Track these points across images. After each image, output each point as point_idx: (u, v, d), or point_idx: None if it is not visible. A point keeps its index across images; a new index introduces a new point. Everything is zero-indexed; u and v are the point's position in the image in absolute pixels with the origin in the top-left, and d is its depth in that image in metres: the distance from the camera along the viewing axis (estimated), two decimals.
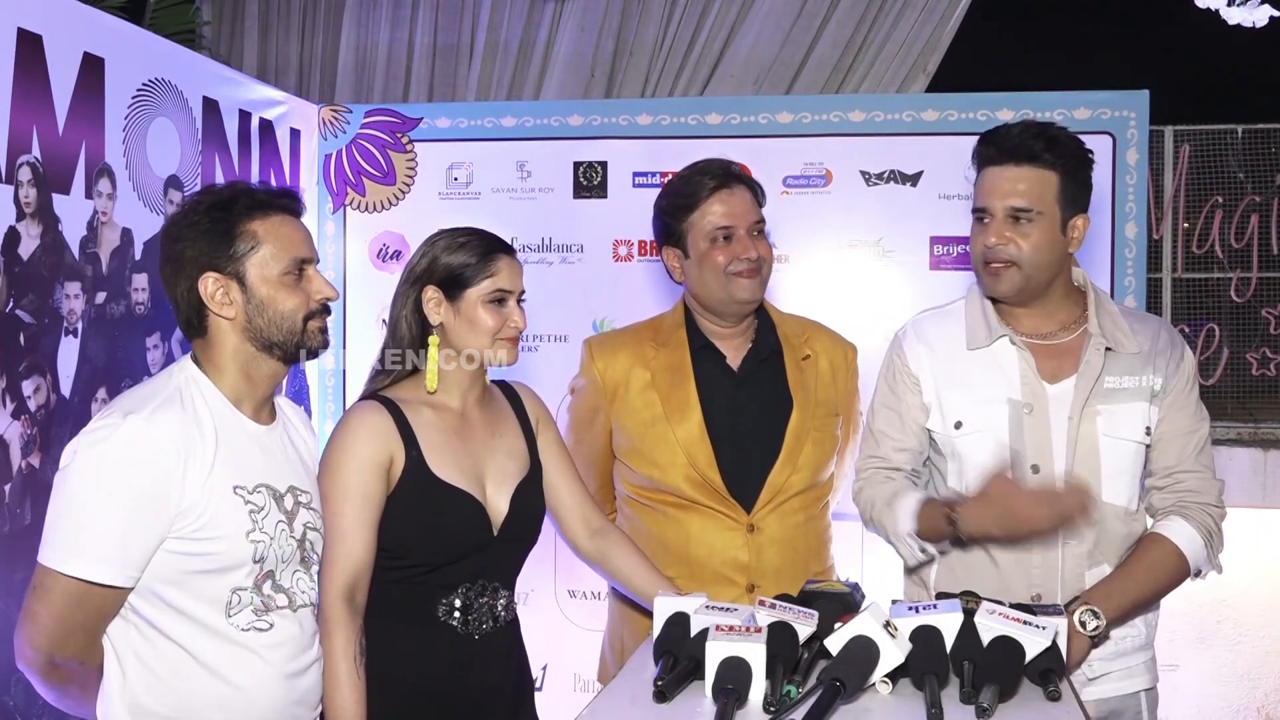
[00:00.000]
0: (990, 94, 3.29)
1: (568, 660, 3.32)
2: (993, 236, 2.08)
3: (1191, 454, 2.12)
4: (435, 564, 1.96)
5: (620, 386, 2.34)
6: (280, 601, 1.77)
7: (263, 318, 1.75)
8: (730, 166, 2.33)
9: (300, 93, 4.53)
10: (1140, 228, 3.25)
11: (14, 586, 2.19)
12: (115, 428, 1.63)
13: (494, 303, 2.00)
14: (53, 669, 1.67)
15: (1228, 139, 5.04)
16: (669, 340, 2.35)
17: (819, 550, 2.37)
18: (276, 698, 1.75)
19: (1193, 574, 2.11)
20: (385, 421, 1.97)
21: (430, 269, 2.02)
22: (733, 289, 2.25)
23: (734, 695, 1.43)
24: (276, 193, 1.82)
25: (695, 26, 4.92)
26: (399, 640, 1.96)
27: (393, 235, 3.50)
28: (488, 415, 2.10)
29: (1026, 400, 2.11)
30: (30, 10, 2.25)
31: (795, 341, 2.38)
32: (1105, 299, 2.20)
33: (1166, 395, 2.12)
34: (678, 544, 2.28)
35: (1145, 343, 2.14)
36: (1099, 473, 2.09)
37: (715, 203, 2.25)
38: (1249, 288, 5.03)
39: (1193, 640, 4.68)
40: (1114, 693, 2.11)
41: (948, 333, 2.21)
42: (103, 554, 1.61)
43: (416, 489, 1.96)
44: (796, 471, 2.28)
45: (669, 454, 2.28)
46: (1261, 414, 4.97)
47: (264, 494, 1.75)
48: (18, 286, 2.21)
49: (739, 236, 2.25)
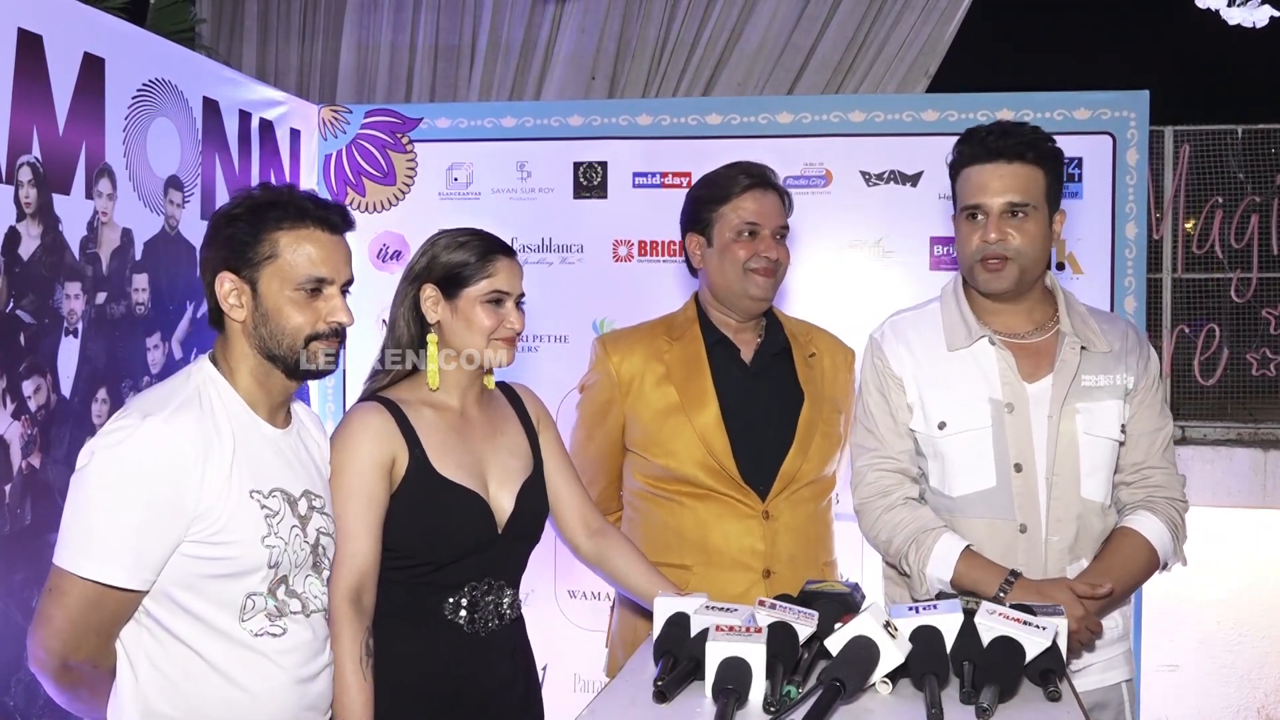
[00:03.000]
0: (990, 94, 3.29)
1: (568, 660, 3.32)
2: (993, 232, 2.09)
3: (1159, 450, 2.18)
4: (440, 562, 1.96)
5: (635, 380, 2.38)
6: (294, 607, 1.76)
7: (266, 328, 1.73)
8: (768, 171, 2.40)
9: (301, 94, 4.53)
10: (1140, 228, 3.25)
11: (14, 587, 2.19)
12: (133, 429, 1.62)
13: (491, 303, 2.01)
14: (66, 671, 1.66)
15: (1228, 139, 5.04)
16: (683, 335, 2.41)
17: (827, 541, 2.44)
18: (288, 703, 1.75)
19: (1161, 566, 2.15)
20: (386, 422, 1.97)
21: (429, 267, 2.03)
22: (748, 284, 2.32)
23: (734, 695, 1.42)
24: (320, 204, 1.77)
25: (696, 28, 4.92)
26: (405, 640, 1.96)
27: (393, 235, 3.51)
28: (488, 414, 2.11)
29: (1007, 400, 2.13)
30: (30, 10, 2.25)
31: (801, 340, 2.46)
32: (1074, 299, 2.24)
33: (1136, 394, 2.17)
34: (695, 532, 2.32)
35: (1115, 342, 2.19)
36: (1078, 470, 2.12)
37: (748, 199, 2.33)
38: (1249, 288, 5.03)
39: (1193, 640, 4.69)
40: (1097, 684, 2.14)
41: (926, 334, 2.23)
42: (118, 557, 1.61)
43: (421, 488, 1.96)
44: (808, 461, 2.34)
45: (685, 443, 2.32)
46: (1261, 414, 4.98)
47: (279, 499, 1.74)
48: (18, 287, 2.21)
49: (763, 236, 2.32)
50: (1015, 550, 2.11)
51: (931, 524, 2.14)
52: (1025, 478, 2.11)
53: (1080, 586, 2.03)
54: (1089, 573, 2.08)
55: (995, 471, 2.12)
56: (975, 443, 2.13)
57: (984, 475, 2.13)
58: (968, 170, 2.14)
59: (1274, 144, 5.06)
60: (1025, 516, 2.11)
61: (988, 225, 2.10)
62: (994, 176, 2.10)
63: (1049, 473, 2.11)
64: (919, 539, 2.12)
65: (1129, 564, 2.10)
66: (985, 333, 2.16)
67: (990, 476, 2.13)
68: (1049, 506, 2.11)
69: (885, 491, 2.19)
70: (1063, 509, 2.11)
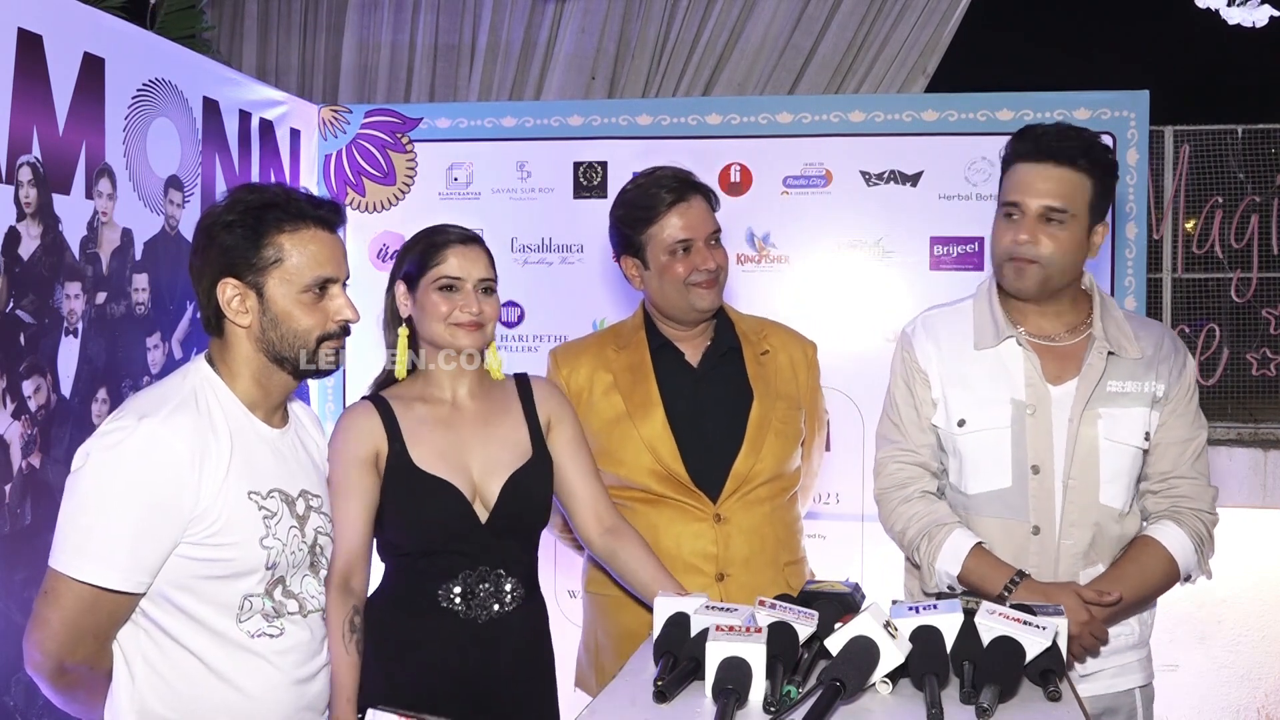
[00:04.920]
0: (990, 94, 3.29)
1: (568, 660, 3.32)
2: (1024, 233, 2.08)
3: (1188, 461, 2.13)
4: (426, 551, 2.02)
5: (584, 391, 2.37)
6: (291, 607, 1.76)
7: (276, 332, 1.73)
8: (685, 176, 2.34)
9: (301, 94, 4.53)
10: (1140, 228, 3.25)
11: (14, 587, 2.19)
12: (130, 431, 1.61)
13: (444, 289, 2.05)
14: (62, 674, 1.66)
15: (1228, 139, 5.04)
16: (629, 342, 2.39)
17: (787, 540, 2.38)
18: (285, 703, 1.75)
19: (1183, 578, 2.13)
20: (369, 419, 2.05)
21: (397, 265, 2.14)
22: (692, 299, 2.30)
23: (734, 695, 1.42)
24: (316, 204, 1.77)
25: (696, 27, 4.92)
26: (405, 627, 2.01)
27: (392, 235, 3.50)
28: (481, 405, 2.14)
29: (1030, 401, 2.12)
30: (30, 10, 2.25)
31: (753, 338, 2.41)
32: (1111, 303, 2.21)
33: (1168, 402, 2.13)
34: (647, 538, 2.28)
35: (1149, 348, 2.15)
36: (1096, 475, 2.10)
37: (673, 216, 2.28)
38: (1249, 288, 5.03)
39: (1193, 640, 4.68)
40: (1107, 690, 2.13)
41: (955, 331, 2.21)
42: (114, 560, 1.60)
43: (399, 480, 2.03)
44: (760, 461, 2.31)
45: (633, 451, 2.31)
46: (1261, 414, 4.97)
47: (277, 499, 1.74)
48: (18, 286, 2.21)
49: (697, 248, 2.28)
50: (1027, 551, 2.11)
51: (945, 519, 2.14)
52: (1042, 480, 2.10)
53: (1087, 593, 2.02)
54: (1101, 579, 2.07)
55: (1011, 472, 2.12)
56: (992, 442, 2.13)
57: (1000, 475, 2.13)
58: (1016, 166, 2.11)
59: (1274, 144, 5.05)
60: (1039, 518, 2.11)
61: (1020, 225, 2.08)
62: (1039, 177, 2.07)
63: (1066, 476, 2.10)
64: (931, 532, 2.13)
65: (1144, 573, 2.08)
66: (1013, 333, 2.14)
67: (1006, 477, 2.12)
68: (1064, 510, 2.10)
69: (903, 484, 2.21)
70: (1078, 513, 2.10)
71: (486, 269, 2.09)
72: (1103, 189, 2.09)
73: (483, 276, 2.08)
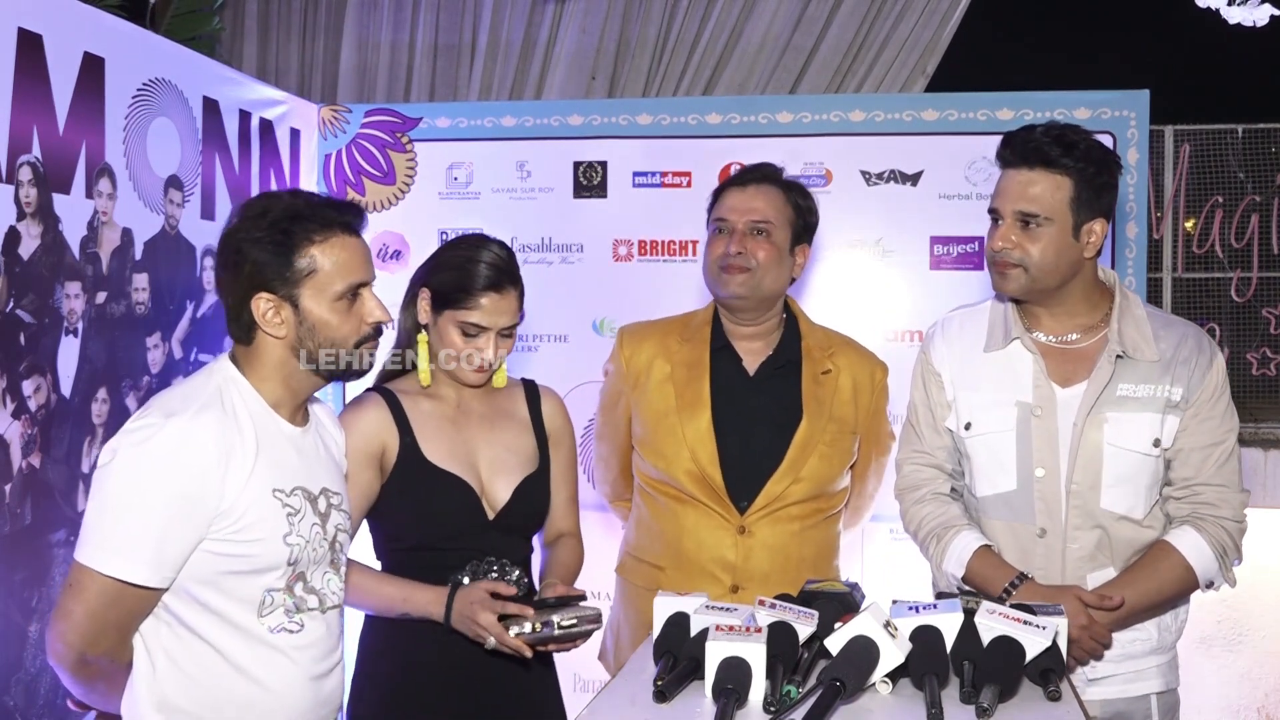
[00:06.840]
0: (990, 94, 3.29)
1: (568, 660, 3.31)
2: (999, 240, 2.08)
3: (1212, 467, 2.10)
4: (431, 545, 2.04)
5: (642, 375, 2.38)
6: (311, 603, 1.77)
7: (313, 341, 1.74)
8: (763, 167, 2.38)
9: (301, 93, 4.53)
10: (1141, 228, 3.25)
11: (14, 587, 2.19)
12: (158, 428, 1.63)
13: (464, 332, 2.07)
14: (83, 666, 1.67)
15: (1228, 139, 5.03)
16: (693, 337, 2.39)
17: (817, 561, 2.34)
18: (302, 699, 1.76)
19: (1203, 586, 2.11)
20: (379, 412, 2.07)
21: (431, 272, 2.12)
22: (717, 282, 2.30)
23: (734, 695, 1.43)
24: (340, 209, 1.78)
25: (696, 27, 4.91)
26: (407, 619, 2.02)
27: (392, 235, 3.51)
28: (487, 408, 2.16)
29: (1036, 403, 2.11)
30: (30, 10, 2.25)
31: (818, 354, 2.37)
32: (1134, 302, 2.17)
33: (1189, 406, 2.09)
34: (671, 536, 2.32)
35: (1167, 351, 2.10)
36: (1099, 479, 2.09)
37: (729, 194, 2.32)
38: (1249, 287, 5.03)
39: (1193, 640, 4.68)
40: (1119, 694, 2.11)
41: (970, 333, 2.22)
42: (139, 555, 1.61)
43: (410, 473, 2.04)
44: (798, 482, 2.29)
45: (675, 447, 2.31)
46: (1261, 414, 4.96)
47: (300, 496, 1.76)
48: (18, 286, 2.21)
49: (735, 232, 2.28)
50: (1033, 554, 2.10)
51: (955, 520, 2.15)
52: (1047, 483, 2.10)
53: (1089, 596, 2.01)
54: (1110, 584, 2.06)
55: (1016, 475, 2.12)
56: (997, 445, 2.13)
57: (1005, 478, 2.13)
58: (1002, 171, 2.12)
59: (1274, 143, 5.05)
60: (1045, 521, 2.10)
61: (998, 230, 2.09)
62: (1012, 182, 2.07)
63: (1068, 480, 2.09)
64: (939, 533, 2.15)
65: (1155, 579, 2.06)
66: (1021, 334, 2.14)
67: (1011, 479, 2.12)
68: (1068, 514, 2.09)
69: (917, 485, 2.23)
70: (1081, 517, 2.09)
71: (513, 316, 2.09)
72: (1089, 186, 2.04)
73: (507, 325, 2.08)
